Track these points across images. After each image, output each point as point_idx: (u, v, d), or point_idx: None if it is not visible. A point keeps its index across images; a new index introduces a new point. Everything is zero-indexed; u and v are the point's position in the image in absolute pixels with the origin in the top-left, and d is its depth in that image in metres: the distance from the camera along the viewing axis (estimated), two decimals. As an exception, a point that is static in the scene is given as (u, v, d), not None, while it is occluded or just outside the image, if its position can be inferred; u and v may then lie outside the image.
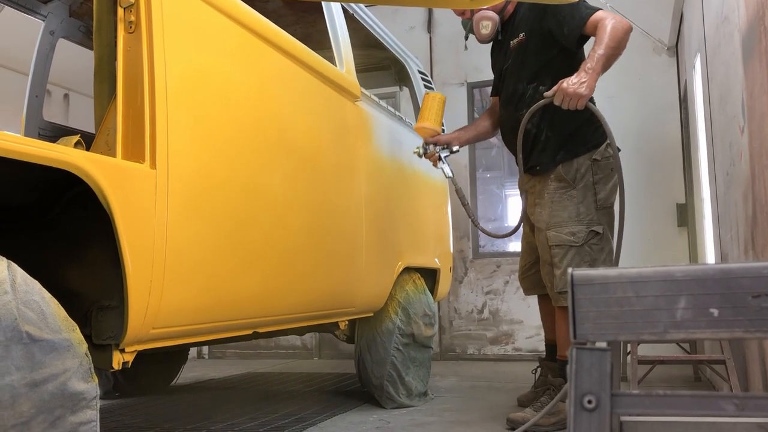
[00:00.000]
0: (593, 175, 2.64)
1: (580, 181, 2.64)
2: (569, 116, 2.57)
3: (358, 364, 3.16)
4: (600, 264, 2.62)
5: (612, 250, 2.67)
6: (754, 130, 2.01)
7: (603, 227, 2.63)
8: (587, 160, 2.65)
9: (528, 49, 2.76)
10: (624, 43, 2.45)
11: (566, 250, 2.62)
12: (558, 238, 2.64)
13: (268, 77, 2.20)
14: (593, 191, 2.64)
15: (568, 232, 2.62)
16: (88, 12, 2.82)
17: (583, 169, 2.65)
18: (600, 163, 2.65)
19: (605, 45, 2.42)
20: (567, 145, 2.66)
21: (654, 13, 4.93)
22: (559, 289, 2.65)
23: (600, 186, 2.64)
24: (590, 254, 2.60)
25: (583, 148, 2.66)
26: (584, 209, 2.62)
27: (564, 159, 2.64)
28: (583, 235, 2.60)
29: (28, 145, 1.28)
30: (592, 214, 2.62)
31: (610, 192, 2.66)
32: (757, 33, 1.85)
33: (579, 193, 2.62)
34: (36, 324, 1.19)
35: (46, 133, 2.73)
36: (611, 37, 2.42)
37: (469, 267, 5.33)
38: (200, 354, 5.85)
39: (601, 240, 2.63)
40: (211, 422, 2.81)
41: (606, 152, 2.66)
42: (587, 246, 2.60)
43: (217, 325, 1.95)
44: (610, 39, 2.42)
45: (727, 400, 0.69)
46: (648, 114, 4.95)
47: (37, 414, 1.17)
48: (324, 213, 2.49)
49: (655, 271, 0.72)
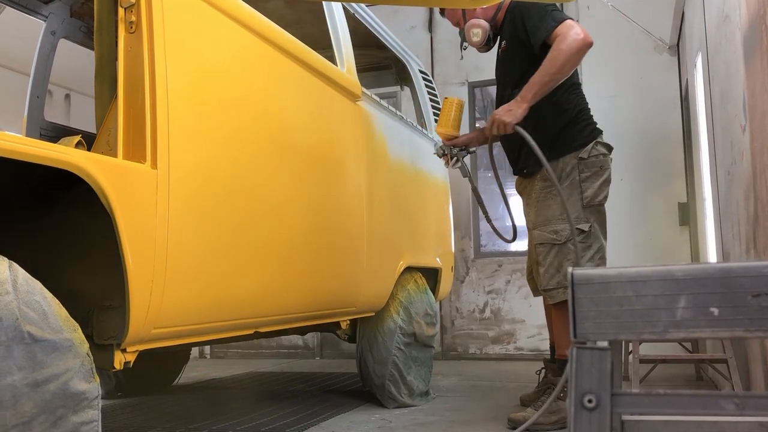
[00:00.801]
0: (579, 174, 2.64)
1: (566, 179, 2.65)
2: (553, 119, 2.63)
3: (360, 363, 3.16)
4: (586, 262, 2.61)
5: (603, 248, 2.67)
6: (755, 128, 2.00)
7: (590, 225, 2.63)
8: (573, 159, 2.65)
9: (509, 58, 2.81)
10: (570, 63, 2.49)
11: (549, 249, 2.64)
12: (542, 236, 2.66)
13: (268, 77, 2.20)
14: (579, 189, 2.64)
15: (552, 230, 2.63)
16: (89, 12, 2.82)
17: (568, 168, 2.65)
18: (587, 161, 2.65)
19: (542, 72, 2.51)
20: (553, 146, 2.66)
21: (655, 12, 4.92)
22: (543, 287, 2.67)
23: (587, 184, 2.64)
24: (574, 252, 2.59)
25: (568, 148, 2.66)
26: (570, 207, 2.60)
27: (549, 159, 2.61)
28: (567, 233, 2.59)
29: (29, 145, 1.28)
30: (578, 212, 2.62)
31: (599, 189, 2.66)
32: (758, 32, 1.84)
33: (564, 192, 2.61)
34: (38, 324, 1.20)
35: (47, 134, 2.74)
36: (552, 62, 2.49)
37: (471, 266, 5.33)
38: (202, 354, 5.85)
39: (588, 238, 2.62)
40: (212, 422, 2.81)
41: (594, 150, 2.66)
42: (570, 244, 2.59)
43: (218, 325, 1.95)
44: (550, 65, 2.49)
45: (727, 399, 0.69)
46: (649, 113, 4.94)
47: (39, 414, 1.17)
48: (325, 212, 2.49)
49: (655, 271, 0.72)
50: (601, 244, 2.66)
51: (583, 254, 2.61)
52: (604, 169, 2.67)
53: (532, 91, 2.53)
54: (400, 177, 3.29)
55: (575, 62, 2.51)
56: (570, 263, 2.59)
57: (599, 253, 2.65)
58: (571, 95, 2.71)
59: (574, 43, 2.47)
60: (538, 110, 2.59)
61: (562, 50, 2.47)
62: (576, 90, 2.76)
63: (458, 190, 5.27)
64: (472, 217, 5.38)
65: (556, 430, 2.56)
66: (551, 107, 2.65)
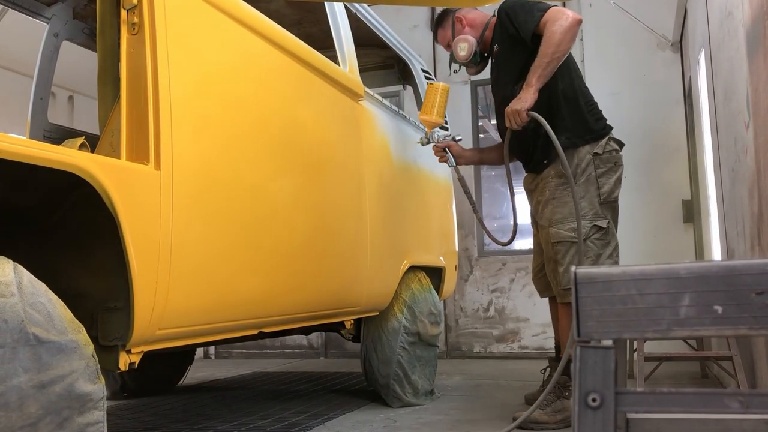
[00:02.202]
0: (595, 169, 2.64)
1: (582, 175, 2.64)
2: (567, 105, 2.66)
3: (364, 363, 3.16)
4: (605, 259, 2.60)
5: (618, 246, 2.66)
6: (759, 125, 2.00)
7: (607, 221, 2.62)
8: (588, 155, 2.65)
9: (504, 56, 2.84)
10: (566, 41, 2.54)
11: (568, 247, 2.61)
12: (559, 234, 2.64)
13: (271, 77, 2.20)
14: (596, 185, 2.63)
15: (570, 228, 2.61)
16: (91, 14, 2.83)
17: (584, 164, 2.64)
18: (602, 157, 2.65)
19: (541, 54, 2.56)
20: (569, 133, 2.65)
21: (658, 9, 4.91)
22: (563, 286, 2.65)
23: (603, 179, 2.64)
24: (593, 249, 2.58)
25: (583, 139, 2.66)
26: (587, 204, 2.60)
27: (566, 146, 2.59)
28: (586, 230, 2.58)
29: (33, 147, 1.29)
30: (596, 208, 2.62)
31: (615, 185, 2.66)
32: (762, 28, 1.84)
33: (581, 188, 2.61)
34: (43, 326, 1.20)
35: (50, 135, 2.74)
36: (548, 43, 2.55)
37: (475, 265, 5.33)
38: (207, 354, 5.86)
39: (606, 234, 2.61)
40: (217, 422, 2.82)
41: (608, 146, 2.67)
42: (589, 242, 2.58)
43: (222, 325, 1.96)
44: (546, 46, 2.55)
45: (732, 397, 0.69)
46: (652, 110, 4.93)
47: (45, 415, 1.18)
48: (328, 212, 2.49)
49: (659, 269, 0.72)
50: (617, 242, 2.66)
51: (602, 251, 2.59)
52: (618, 165, 2.68)
53: (536, 74, 2.55)
54: (403, 176, 3.29)
55: (570, 38, 2.55)
56: (590, 261, 2.58)
57: (616, 250, 2.64)
58: (575, 84, 2.72)
59: (565, 22, 2.54)
60: (549, 100, 2.62)
61: (555, 31, 2.53)
62: (580, 82, 2.77)
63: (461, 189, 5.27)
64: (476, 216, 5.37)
65: (561, 428, 2.56)
66: (561, 96, 2.67)
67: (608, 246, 2.61)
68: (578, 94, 2.70)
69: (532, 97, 2.55)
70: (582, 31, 5.18)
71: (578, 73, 2.79)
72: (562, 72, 2.65)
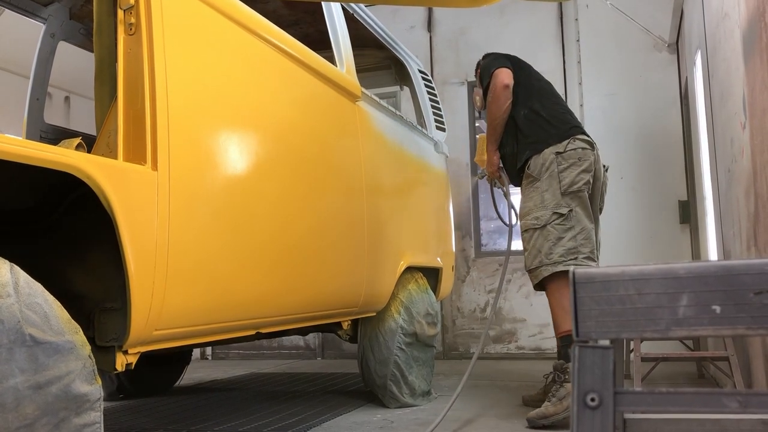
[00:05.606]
0: (558, 165, 2.86)
1: (545, 172, 2.88)
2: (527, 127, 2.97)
3: (362, 363, 3.16)
4: (567, 242, 2.78)
5: (587, 230, 2.83)
6: (755, 126, 2.01)
7: (569, 209, 2.82)
8: (551, 154, 2.88)
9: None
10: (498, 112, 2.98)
11: (531, 233, 2.86)
12: (525, 224, 2.90)
13: (268, 78, 2.20)
14: (558, 179, 2.85)
15: (533, 217, 2.87)
16: (88, 14, 2.82)
17: (548, 163, 2.88)
18: (564, 154, 2.87)
19: (487, 123, 3.09)
20: (531, 146, 2.96)
21: (654, 10, 4.93)
22: (527, 268, 2.88)
23: (565, 174, 2.85)
24: (553, 233, 2.80)
25: (545, 143, 2.91)
26: (549, 196, 2.84)
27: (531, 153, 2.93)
28: (546, 217, 2.82)
29: (29, 148, 1.28)
30: (558, 199, 2.83)
31: (577, 177, 2.84)
32: (758, 29, 1.85)
33: (544, 183, 2.87)
34: (39, 326, 1.20)
35: (47, 136, 2.74)
36: (488, 115, 3.05)
37: (472, 266, 5.33)
38: (204, 355, 5.86)
39: (567, 220, 2.81)
40: (214, 423, 2.82)
41: (570, 145, 2.88)
42: (550, 226, 2.81)
43: (219, 326, 1.95)
44: (487, 116, 3.05)
45: (730, 396, 0.69)
46: (649, 111, 4.95)
47: (42, 416, 1.17)
48: (325, 213, 2.49)
49: (657, 269, 0.72)
50: (583, 226, 2.83)
51: (563, 235, 2.80)
52: (583, 160, 2.88)
53: (489, 140, 3.10)
54: (401, 177, 3.29)
55: (498, 107, 2.97)
56: (551, 243, 2.79)
57: (582, 234, 2.82)
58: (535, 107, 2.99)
59: (493, 94, 2.98)
60: (514, 127, 3.00)
61: (490, 103, 3.01)
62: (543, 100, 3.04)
63: (459, 190, 5.28)
64: (473, 217, 5.38)
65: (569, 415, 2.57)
66: (523, 119, 2.98)
67: (571, 230, 2.80)
68: (540, 113, 2.97)
69: (494, 157, 3.10)
70: (578, 32, 5.19)
71: (541, 92, 3.06)
72: (521, 101, 2.98)
